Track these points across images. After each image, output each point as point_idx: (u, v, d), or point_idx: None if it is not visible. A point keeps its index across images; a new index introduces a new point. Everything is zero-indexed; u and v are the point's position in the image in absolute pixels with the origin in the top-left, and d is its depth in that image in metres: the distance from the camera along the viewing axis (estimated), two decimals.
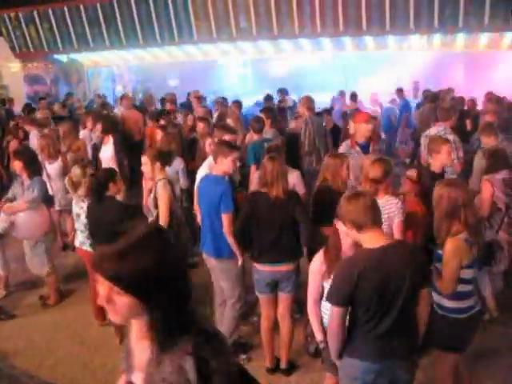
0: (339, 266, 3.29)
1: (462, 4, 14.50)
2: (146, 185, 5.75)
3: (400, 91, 13.74)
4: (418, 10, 14.93)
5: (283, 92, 13.94)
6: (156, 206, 5.38)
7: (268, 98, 12.93)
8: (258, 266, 4.75)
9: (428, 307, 3.36)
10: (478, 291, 4.38)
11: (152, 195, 5.43)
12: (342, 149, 6.43)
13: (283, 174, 4.69)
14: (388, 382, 3.28)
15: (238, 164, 5.15)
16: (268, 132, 7.92)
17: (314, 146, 8.07)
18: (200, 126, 8.06)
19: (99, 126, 8.55)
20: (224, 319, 5.17)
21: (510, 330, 5.48)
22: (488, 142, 6.53)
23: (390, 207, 4.53)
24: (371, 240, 3.18)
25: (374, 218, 3.17)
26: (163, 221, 5.29)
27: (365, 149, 6.29)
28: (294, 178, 5.78)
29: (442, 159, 5.41)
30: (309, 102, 8.55)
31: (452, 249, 3.71)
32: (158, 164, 5.50)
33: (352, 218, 3.20)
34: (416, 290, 3.19)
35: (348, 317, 3.21)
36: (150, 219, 5.51)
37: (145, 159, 5.50)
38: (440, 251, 3.83)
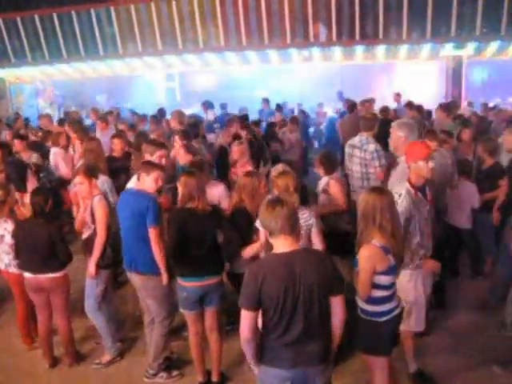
0: (247, 269, 3.34)
1: (382, 17, 15.02)
2: (82, 202, 5.62)
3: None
4: (339, 22, 15.32)
5: (206, 105, 13.96)
6: (93, 221, 5.28)
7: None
8: (186, 283, 4.72)
9: (342, 314, 3.34)
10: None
11: (89, 210, 5.33)
12: (404, 198, 4.52)
13: (204, 188, 4.80)
14: None
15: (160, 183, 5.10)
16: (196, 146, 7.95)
17: None
18: (114, 142, 7.96)
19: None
20: (153, 337, 5.12)
21: None
22: None
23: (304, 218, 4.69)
24: (280, 246, 3.25)
25: (285, 225, 3.20)
26: (101, 235, 5.22)
27: (423, 193, 4.73)
28: (219, 191, 5.82)
29: None
30: (180, 116, 8.96)
31: (366, 255, 3.79)
32: (93, 180, 5.43)
33: (266, 224, 3.30)
34: (326, 296, 3.24)
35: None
36: (88, 233, 5.44)
37: (80, 179, 5.37)
38: (356, 256, 3.90)
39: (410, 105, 10.82)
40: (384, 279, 3.85)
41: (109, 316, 5.49)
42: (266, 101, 15.22)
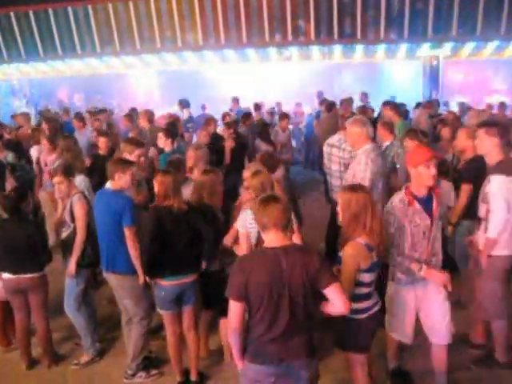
0: (236, 261, 3.41)
1: (360, 17, 15.13)
2: (61, 201, 5.58)
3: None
4: (317, 22, 15.39)
5: (183, 104, 13.90)
6: (73, 220, 5.25)
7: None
8: (163, 282, 4.72)
9: (341, 302, 3.35)
10: None
11: (68, 208, 5.29)
12: (395, 206, 4.25)
13: (180, 187, 4.83)
14: (289, 383, 3.38)
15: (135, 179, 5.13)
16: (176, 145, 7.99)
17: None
18: (100, 140, 7.92)
19: None
20: (132, 337, 5.11)
21: None
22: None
23: None
24: (270, 241, 3.31)
25: (277, 220, 3.26)
26: (81, 234, 5.21)
27: (427, 204, 4.23)
28: None
29: None
30: (148, 115, 9.33)
31: (351, 253, 3.80)
32: (71, 179, 5.43)
33: (258, 219, 3.36)
34: (313, 291, 3.27)
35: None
36: (68, 232, 5.40)
37: (58, 178, 5.33)
38: (340, 254, 3.92)
39: (387, 103, 10.87)
40: (366, 277, 3.88)
41: (88, 316, 5.46)
42: (235, 100, 15.22)
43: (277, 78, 18.84)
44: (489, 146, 4.76)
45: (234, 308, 3.26)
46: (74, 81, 20.61)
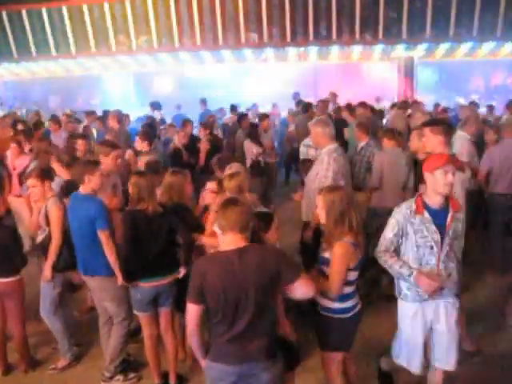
0: (193, 264, 3.43)
1: (335, 18, 15.22)
2: (35, 205, 5.52)
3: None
4: (293, 24, 15.46)
5: (154, 106, 13.86)
6: (48, 224, 5.20)
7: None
8: (141, 284, 4.71)
9: (310, 290, 3.41)
10: None
11: (43, 212, 5.24)
12: (399, 210, 4.06)
13: (154, 188, 4.78)
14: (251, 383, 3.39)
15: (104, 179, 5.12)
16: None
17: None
18: (78, 143, 7.84)
19: None
20: (111, 338, 5.08)
21: None
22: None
23: None
24: (226, 243, 3.31)
25: (233, 223, 3.27)
26: (56, 238, 5.15)
27: (440, 216, 3.93)
28: None
29: None
30: (118, 116, 9.58)
31: (341, 253, 3.80)
32: (46, 183, 5.35)
33: (218, 221, 3.36)
34: (273, 291, 3.30)
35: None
36: (43, 236, 5.34)
37: (32, 182, 5.28)
38: (325, 255, 3.93)
39: (363, 104, 10.95)
40: (353, 275, 3.91)
41: (65, 320, 5.42)
42: (203, 102, 15.25)
43: (256, 78, 18.90)
44: (434, 144, 4.95)
45: (191, 310, 3.30)
46: (49, 82, 20.40)
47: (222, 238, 3.36)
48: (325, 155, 5.90)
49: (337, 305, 3.94)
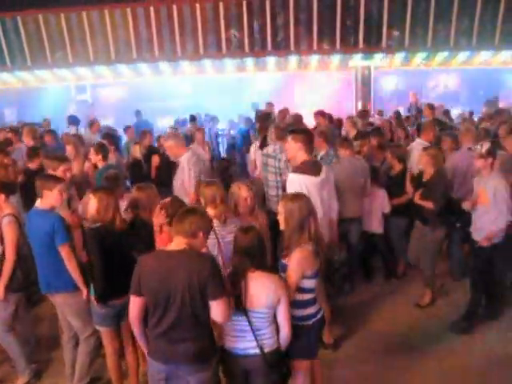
0: (138, 258, 3.61)
1: (293, 28, 15.37)
2: None
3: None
4: (251, 34, 15.53)
5: (70, 121, 13.59)
6: (2, 242, 5.08)
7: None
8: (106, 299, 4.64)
9: (221, 318, 3.49)
10: None
11: None
12: None
13: (117, 203, 4.71)
14: None
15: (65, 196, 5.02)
16: (112, 159, 7.90)
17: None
18: None
19: None
20: (79, 356, 5.00)
21: None
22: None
23: None
24: (172, 245, 3.52)
25: (178, 228, 3.51)
26: (9, 258, 5.05)
27: None
28: None
29: None
30: (32, 132, 9.42)
31: (299, 259, 3.85)
32: (2, 196, 5.22)
33: (173, 225, 3.59)
34: (203, 299, 3.38)
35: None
36: None
37: None
38: (284, 261, 3.96)
39: (321, 113, 11.05)
40: (310, 283, 3.95)
41: (21, 338, 5.30)
42: (137, 113, 15.24)
43: (216, 89, 18.89)
44: (295, 150, 5.51)
45: (132, 302, 3.58)
46: (5, 94, 19.98)
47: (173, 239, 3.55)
48: (184, 162, 6.63)
49: (299, 312, 3.97)
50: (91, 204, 4.65)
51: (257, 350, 3.69)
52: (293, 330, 3.90)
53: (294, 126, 9.15)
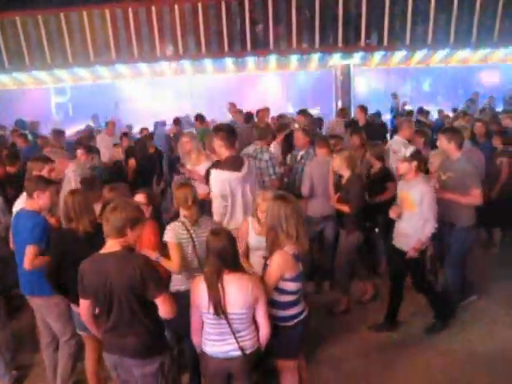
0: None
1: (272, 28, 15.38)
2: None
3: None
4: (230, 34, 15.51)
5: (18, 125, 13.55)
6: None
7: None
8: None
9: (166, 313, 3.61)
10: None
11: None
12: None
13: (87, 206, 4.56)
14: (127, 376, 3.78)
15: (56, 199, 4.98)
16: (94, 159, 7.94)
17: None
18: None
19: None
20: (60, 360, 4.96)
21: None
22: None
23: None
24: (107, 247, 3.63)
25: (106, 229, 3.61)
26: None
27: None
28: None
29: None
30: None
31: (278, 261, 3.86)
32: None
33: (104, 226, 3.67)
34: (140, 297, 3.51)
35: None
36: None
37: None
38: (267, 262, 3.97)
39: (303, 112, 11.06)
40: (291, 285, 3.95)
41: (1, 343, 5.24)
42: (95, 117, 15.24)
43: (196, 90, 18.87)
44: (217, 146, 5.70)
45: (81, 304, 3.77)
46: None
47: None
48: None
49: (278, 313, 4.00)
50: (60, 207, 4.64)
51: (238, 352, 3.71)
52: (274, 330, 3.92)
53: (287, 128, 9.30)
